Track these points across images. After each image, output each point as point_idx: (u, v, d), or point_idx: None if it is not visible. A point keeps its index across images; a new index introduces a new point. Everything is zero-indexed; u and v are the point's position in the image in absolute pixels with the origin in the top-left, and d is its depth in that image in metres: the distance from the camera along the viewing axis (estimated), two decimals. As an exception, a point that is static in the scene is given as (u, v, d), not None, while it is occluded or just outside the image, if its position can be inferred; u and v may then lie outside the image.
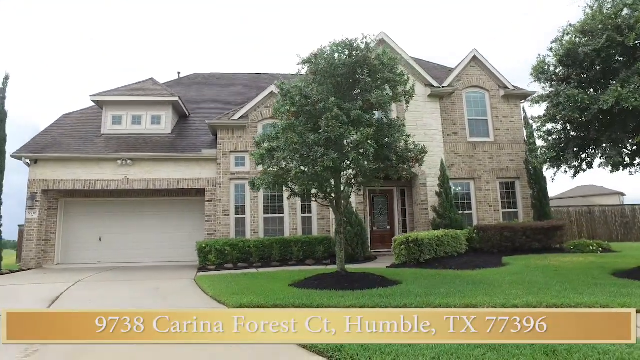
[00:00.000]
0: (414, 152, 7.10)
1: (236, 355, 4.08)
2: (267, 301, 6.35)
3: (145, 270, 12.19)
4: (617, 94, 6.22)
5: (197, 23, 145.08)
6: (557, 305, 5.12)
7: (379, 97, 6.62)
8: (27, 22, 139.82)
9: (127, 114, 15.47)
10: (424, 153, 7.50)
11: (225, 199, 13.73)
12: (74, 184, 13.85)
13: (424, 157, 7.67)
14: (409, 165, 7.40)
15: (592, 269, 8.32)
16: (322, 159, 6.16)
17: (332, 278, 7.80)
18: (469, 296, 5.94)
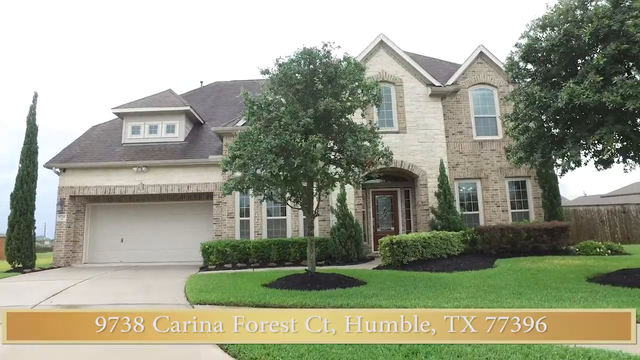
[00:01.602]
0: (365, 156, 7.21)
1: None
2: (225, 299, 6.78)
3: (154, 269, 13.09)
4: (570, 90, 6.00)
5: (228, 32, 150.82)
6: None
7: (328, 104, 6.82)
8: (63, 36, 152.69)
9: (145, 124, 16.60)
10: (383, 156, 7.59)
11: (230, 202, 14.37)
12: (96, 190, 15.12)
13: (384, 159, 7.75)
14: (362, 168, 7.52)
15: (574, 272, 7.98)
16: (271, 165, 6.48)
17: (299, 279, 8.09)
18: (409, 298, 6.01)
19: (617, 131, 5.97)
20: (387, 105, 14.40)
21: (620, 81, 5.64)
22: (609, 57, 6.07)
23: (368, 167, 7.55)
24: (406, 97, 14.34)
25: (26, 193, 14.20)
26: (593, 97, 5.79)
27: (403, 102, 14.30)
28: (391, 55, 14.65)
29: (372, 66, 14.54)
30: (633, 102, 5.48)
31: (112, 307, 6.83)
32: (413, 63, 14.54)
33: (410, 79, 14.49)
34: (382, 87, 14.49)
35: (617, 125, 5.98)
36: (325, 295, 6.60)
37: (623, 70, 5.94)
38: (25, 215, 14.02)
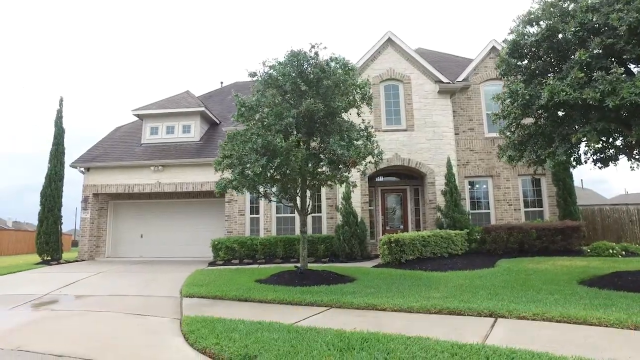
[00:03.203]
0: (348, 155, 7.27)
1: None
2: (212, 293, 7.09)
3: (167, 264, 13.69)
4: (551, 87, 5.84)
5: (250, 33, 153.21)
6: (448, 309, 5.11)
7: (309, 105, 6.95)
8: (91, 42, 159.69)
9: (162, 124, 17.30)
10: (372, 155, 7.64)
11: (241, 200, 14.78)
12: (116, 188, 15.95)
13: (374, 159, 7.80)
14: (347, 168, 7.59)
15: (569, 274, 7.74)
16: (254, 165, 6.71)
17: (290, 275, 8.30)
18: (384, 296, 6.08)
19: (601, 128, 5.75)
20: (395, 103, 14.33)
21: (600, 77, 5.45)
22: (594, 53, 5.86)
23: (351, 166, 7.61)
24: (414, 95, 14.21)
25: (54, 191, 15.20)
26: (573, 94, 5.62)
27: (411, 100, 14.18)
28: (399, 52, 14.55)
29: (380, 64, 14.53)
30: (612, 99, 5.29)
31: (109, 298, 7.30)
32: (421, 60, 14.38)
33: (419, 76, 14.34)
34: (390, 84, 14.50)
35: (601, 122, 5.77)
36: (307, 291, 6.77)
37: (608, 66, 5.71)
38: (53, 211, 15.01)
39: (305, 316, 5.23)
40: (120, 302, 6.93)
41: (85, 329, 5.00)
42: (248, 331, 4.33)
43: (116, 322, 5.33)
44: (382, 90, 14.45)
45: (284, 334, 4.11)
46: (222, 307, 6.16)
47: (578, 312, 4.44)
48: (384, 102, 14.39)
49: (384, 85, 14.51)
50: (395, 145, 13.79)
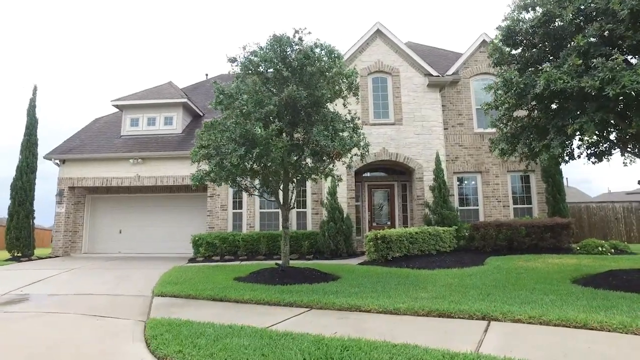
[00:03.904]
0: (332, 147, 6.82)
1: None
2: (186, 292, 6.62)
3: (145, 260, 13.12)
4: (547, 75, 5.50)
5: (235, 25, 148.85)
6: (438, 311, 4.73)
7: (291, 92, 6.49)
8: (69, 30, 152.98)
9: (143, 116, 16.63)
10: (357, 147, 7.22)
11: (224, 194, 14.27)
12: (93, 182, 15.27)
13: (360, 151, 7.39)
14: (331, 160, 7.16)
15: (562, 272, 7.46)
16: (231, 155, 6.23)
17: (270, 273, 7.86)
18: (369, 296, 5.69)
19: (599, 119, 5.43)
20: (383, 96, 13.95)
21: (600, 64, 5.11)
22: (593, 39, 5.54)
23: (336, 158, 7.18)
24: (403, 88, 13.84)
25: (25, 184, 14.44)
26: (570, 82, 5.28)
27: (400, 93, 13.81)
28: (388, 44, 14.15)
29: (368, 56, 14.12)
30: (613, 88, 4.96)
31: (74, 297, 6.77)
32: (410, 52, 14.01)
33: (408, 69, 13.97)
34: (378, 77, 14.11)
35: (599, 113, 5.45)
36: (286, 291, 6.35)
37: (607, 54, 5.38)
38: (24, 205, 14.26)
39: (283, 318, 4.80)
40: (85, 301, 6.41)
41: (32, 335, 4.48)
42: (216, 336, 3.88)
43: (72, 326, 4.82)
44: (370, 83, 14.05)
45: (255, 341, 3.68)
46: (194, 308, 5.70)
47: (577, 315, 4.09)
48: (372, 95, 13.99)
49: (372, 77, 14.11)
50: (383, 139, 13.42)
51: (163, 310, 5.44)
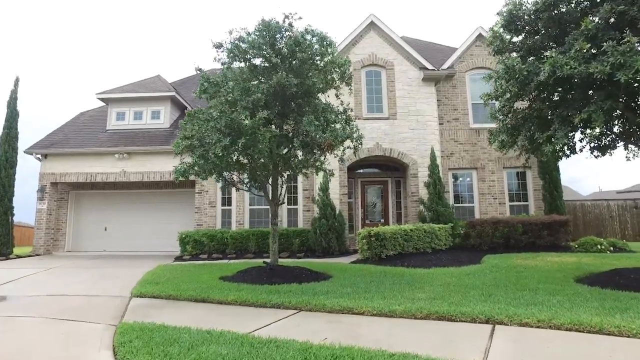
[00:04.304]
0: (323, 137, 6.39)
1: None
2: (167, 292, 6.18)
3: (131, 258, 12.61)
4: (552, 60, 5.14)
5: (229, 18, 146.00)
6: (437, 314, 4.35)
7: (280, 79, 6.07)
8: (59, 22, 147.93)
9: (130, 110, 16.07)
10: (350, 139, 6.81)
11: (212, 191, 13.81)
12: (77, 177, 14.69)
13: (353, 143, 6.99)
14: (322, 151, 6.74)
15: (563, 271, 7.13)
16: (215, 146, 5.79)
17: (258, 272, 7.44)
18: (362, 297, 5.30)
19: (608, 108, 5.09)
20: (377, 90, 13.56)
21: (611, 48, 4.77)
22: (602, 22, 5.19)
23: (327, 150, 6.75)
24: (397, 82, 13.46)
25: (4, 179, 13.85)
26: (578, 68, 4.92)
27: (394, 87, 13.43)
28: (382, 37, 13.76)
29: (361, 49, 13.71)
30: (625, 73, 4.61)
31: (46, 299, 6.29)
32: (405, 45, 13.63)
33: (402, 62, 13.60)
34: (372, 70, 13.73)
35: (608, 102, 5.11)
36: (274, 291, 5.94)
37: (618, 38, 5.04)
38: (2, 201, 13.68)
39: (268, 322, 4.40)
40: (57, 303, 5.94)
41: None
42: (192, 344, 3.46)
43: (36, 331, 4.37)
44: (363, 77, 13.65)
45: (234, 349, 3.26)
46: (174, 310, 5.27)
47: (591, 319, 3.74)
48: (365, 89, 13.60)
49: (365, 71, 13.71)
50: (376, 134, 13.03)
51: (139, 313, 5.00)
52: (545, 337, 3.53)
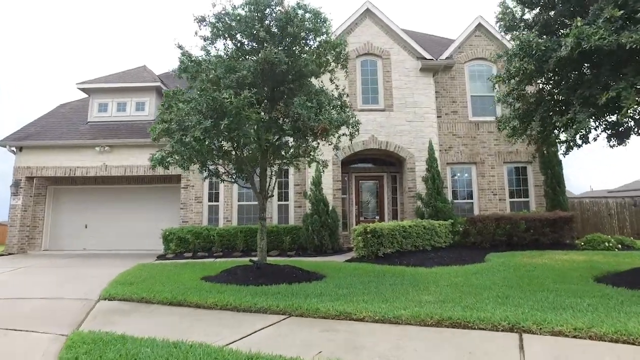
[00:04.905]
0: (316, 120, 5.69)
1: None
2: (139, 294, 5.47)
3: (110, 257, 11.85)
4: (578, 31, 4.55)
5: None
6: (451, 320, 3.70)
7: (269, 55, 5.39)
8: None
9: (113, 101, 15.25)
10: (345, 125, 6.15)
11: (198, 185, 13.07)
12: (55, 171, 13.83)
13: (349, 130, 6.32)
14: (315, 137, 6.06)
15: (578, 270, 6.56)
16: (195, 128, 5.10)
17: (244, 271, 6.76)
18: (361, 300, 4.65)
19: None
20: (373, 80, 12.92)
21: (647, 14, 4.19)
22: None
23: (321, 135, 6.07)
24: (394, 72, 12.84)
25: (-24, 172, 12.96)
26: (608, 38, 4.32)
27: (390, 77, 12.80)
28: (378, 25, 13.12)
29: (356, 37, 13.05)
30: (664, 42, 4.03)
31: (1, 302, 5.54)
32: (402, 34, 13.02)
33: (399, 52, 12.98)
34: (368, 60, 13.10)
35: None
36: (260, 293, 5.26)
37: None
38: (-27, 196, 12.78)
39: (251, 330, 3.72)
40: (11, 308, 5.20)
41: None
42: (153, 361, 2.78)
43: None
44: (358, 66, 13.00)
45: (204, 369, 2.58)
46: (143, 315, 4.56)
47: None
48: (360, 79, 12.95)
49: (360, 60, 13.06)
50: (372, 126, 12.38)
51: (101, 319, 4.29)
52: (588, 350, 2.92)
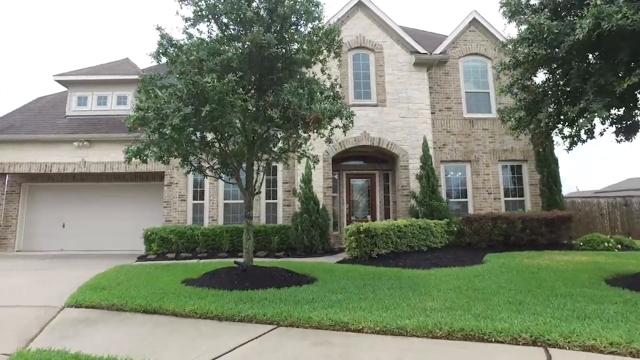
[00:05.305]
0: (307, 109, 5.17)
1: None
2: (110, 301, 4.89)
3: (88, 258, 11.16)
4: (597, 10, 4.15)
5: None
6: (464, 332, 3.24)
7: (256, 37, 4.87)
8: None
9: (93, 94, 14.52)
10: (339, 116, 5.66)
11: (182, 183, 12.44)
12: (29, 167, 13.06)
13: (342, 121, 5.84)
14: (306, 127, 5.55)
15: (584, 271, 6.18)
16: (173, 115, 4.56)
17: (228, 274, 6.22)
18: (358, 307, 4.16)
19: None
20: (365, 74, 12.47)
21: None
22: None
23: (313, 126, 5.55)
24: (387, 66, 12.40)
25: (-57, 168, 12.14)
26: (632, 17, 3.92)
27: (383, 72, 12.36)
28: (371, 18, 12.68)
29: (348, 30, 12.56)
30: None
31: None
32: (396, 27, 12.59)
33: (392, 45, 12.55)
34: (360, 53, 12.64)
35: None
36: (246, 299, 4.73)
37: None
38: (-61, 193, 11.96)
39: (232, 345, 3.21)
40: (-40, 317, 4.57)
41: None
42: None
43: None
44: (350, 60, 12.53)
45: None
46: (111, 325, 4.00)
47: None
48: (352, 74, 12.48)
49: (352, 54, 12.60)
50: (364, 122, 11.91)
51: (60, 332, 3.73)
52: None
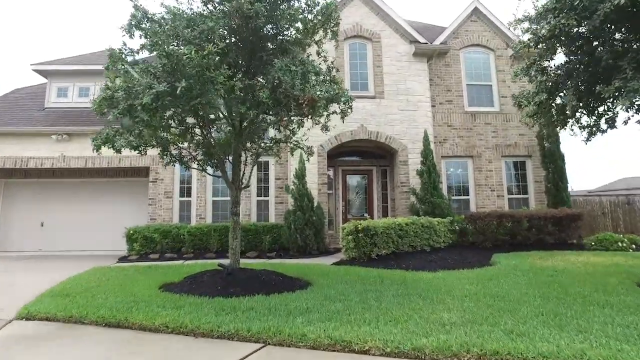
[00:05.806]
0: (300, 89, 4.47)
1: None
2: (67, 312, 4.18)
3: (65, 259, 10.43)
4: (638, -28, 3.55)
5: None
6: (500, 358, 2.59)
7: (240, 5, 4.18)
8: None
9: (74, 85, 13.72)
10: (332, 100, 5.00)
11: (169, 179, 11.71)
12: (3, 162, 12.23)
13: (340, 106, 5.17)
14: (299, 109, 4.86)
15: (610, 275, 5.57)
16: (144, 92, 3.86)
17: (212, 278, 5.52)
18: (361, 321, 3.50)
19: None
20: (362, 65, 11.82)
21: None
22: None
23: (308, 105, 4.86)
24: (385, 56, 11.76)
25: None
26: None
27: (381, 62, 11.72)
28: (368, 5, 12.03)
29: (344, 18, 11.83)
30: None
31: None
32: (394, 15, 11.95)
33: (391, 35, 11.91)
34: (356, 43, 11.99)
35: None
36: (229, 308, 4.05)
37: None
38: None
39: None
40: None
41: None
42: None
43: None
44: (346, 50, 11.87)
45: None
46: (63, 344, 3.31)
47: None
48: (349, 64, 11.83)
49: (349, 43, 11.94)
50: (361, 115, 11.26)
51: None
52: None
